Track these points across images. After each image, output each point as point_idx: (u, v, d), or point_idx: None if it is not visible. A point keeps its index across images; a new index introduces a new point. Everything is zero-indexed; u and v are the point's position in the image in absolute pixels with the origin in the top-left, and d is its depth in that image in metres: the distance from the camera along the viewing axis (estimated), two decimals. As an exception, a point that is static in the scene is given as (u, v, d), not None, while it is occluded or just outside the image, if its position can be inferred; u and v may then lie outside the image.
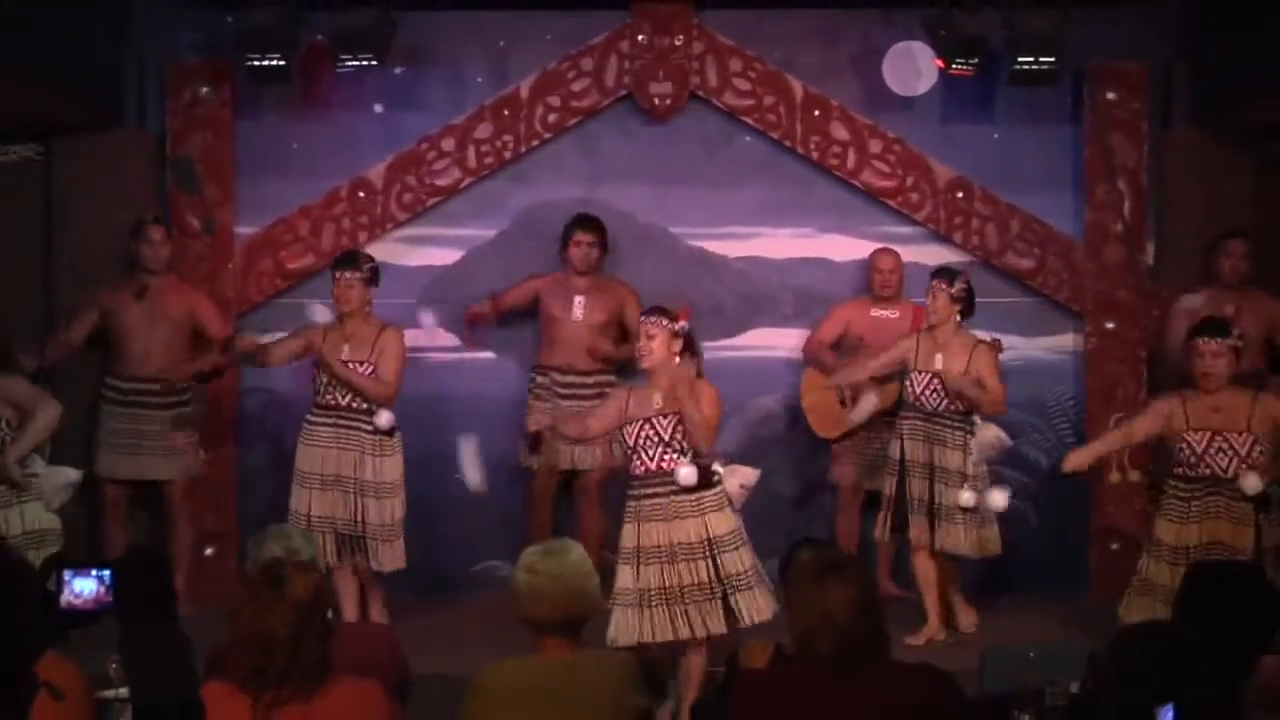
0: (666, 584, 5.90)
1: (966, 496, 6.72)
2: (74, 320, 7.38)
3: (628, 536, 6.00)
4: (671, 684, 5.73)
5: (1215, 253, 7.48)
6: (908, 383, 6.87)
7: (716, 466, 6.04)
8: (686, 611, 5.90)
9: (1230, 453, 6.18)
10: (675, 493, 5.95)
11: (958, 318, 6.85)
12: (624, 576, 5.96)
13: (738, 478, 6.06)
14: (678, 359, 5.99)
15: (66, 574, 2.34)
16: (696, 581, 5.91)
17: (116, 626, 2.34)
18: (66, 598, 2.32)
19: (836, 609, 3.40)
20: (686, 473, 5.93)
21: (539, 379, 7.63)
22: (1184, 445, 6.25)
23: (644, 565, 5.93)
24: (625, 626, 5.90)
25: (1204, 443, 6.21)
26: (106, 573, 2.35)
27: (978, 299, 7.01)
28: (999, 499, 6.81)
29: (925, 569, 6.91)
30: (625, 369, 7.58)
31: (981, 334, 7.06)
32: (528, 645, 4.01)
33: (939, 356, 6.80)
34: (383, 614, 6.96)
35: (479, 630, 6.62)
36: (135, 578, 2.32)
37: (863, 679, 3.40)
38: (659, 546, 5.93)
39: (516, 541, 7.58)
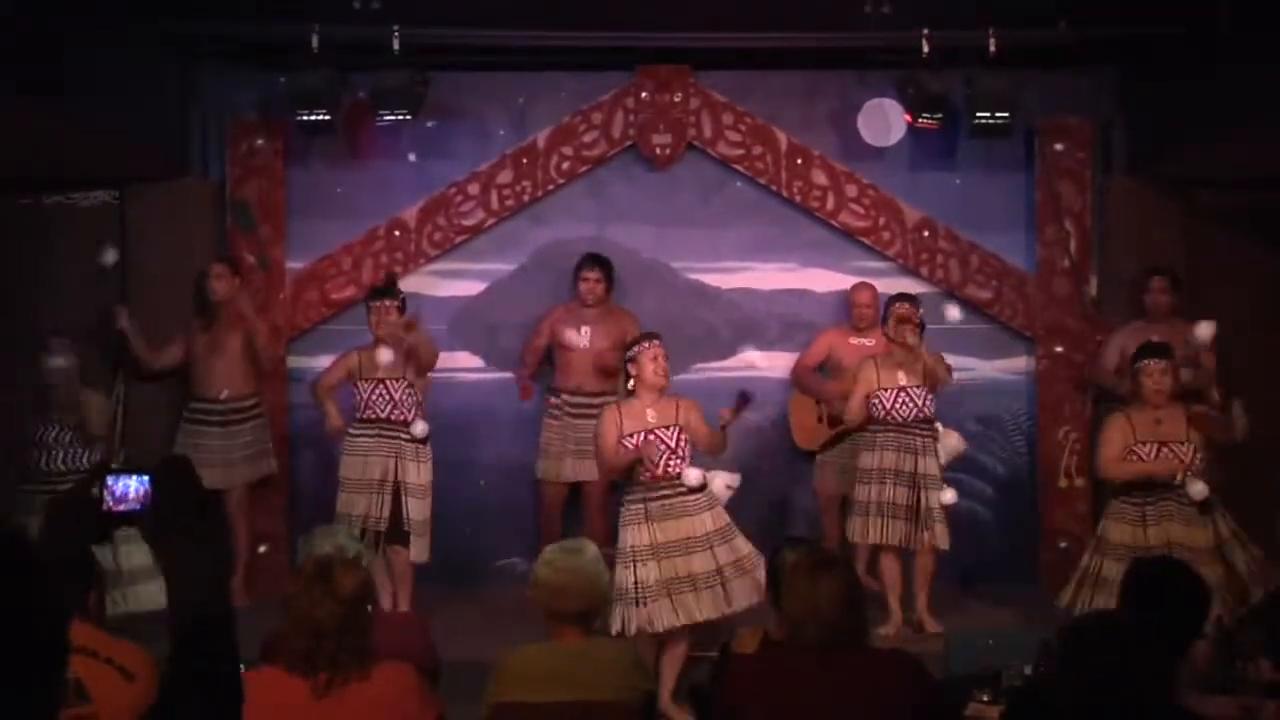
0: (684, 573, 5.88)
1: (949, 495, 6.67)
2: (165, 346, 7.44)
3: (640, 535, 5.93)
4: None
5: (1141, 287, 7.46)
6: (876, 402, 6.79)
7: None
8: (698, 597, 5.87)
9: (1175, 462, 6.09)
10: (683, 493, 5.95)
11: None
12: (642, 572, 5.88)
13: (721, 479, 6.06)
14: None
15: (109, 480, 2.26)
16: (705, 570, 5.90)
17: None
18: (108, 502, 2.26)
19: (824, 602, 3.39)
20: (695, 475, 5.93)
21: (553, 399, 7.59)
22: (1134, 456, 6.15)
23: (664, 559, 5.89)
24: (657, 616, 5.83)
25: (1153, 454, 6.12)
26: (146, 478, 2.26)
27: (943, 326, 7.04)
28: (954, 441, 6.72)
29: (892, 569, 6.82)
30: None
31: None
32: (544, 633, 4.00)
33: (901, 373, 6.76)
34: (411, 604, 6.90)
35: (501, 619, 6.57)
36: (172, 484, 2.22)
37: (843, 663, 3.39)
38: (674, 541, 5.91)
39: (533, 541, 7.68)
